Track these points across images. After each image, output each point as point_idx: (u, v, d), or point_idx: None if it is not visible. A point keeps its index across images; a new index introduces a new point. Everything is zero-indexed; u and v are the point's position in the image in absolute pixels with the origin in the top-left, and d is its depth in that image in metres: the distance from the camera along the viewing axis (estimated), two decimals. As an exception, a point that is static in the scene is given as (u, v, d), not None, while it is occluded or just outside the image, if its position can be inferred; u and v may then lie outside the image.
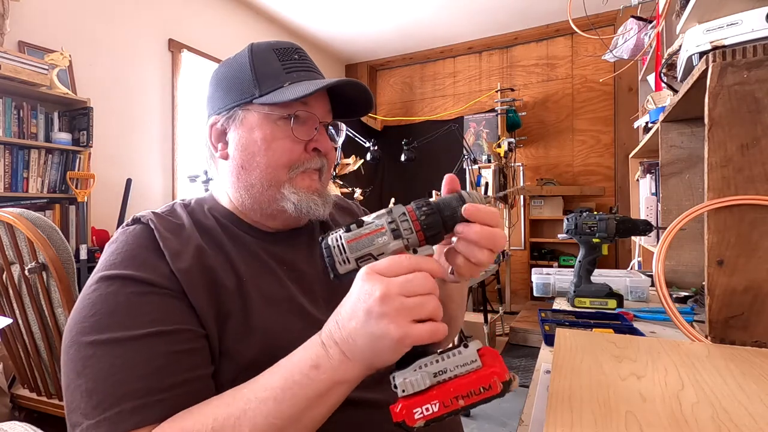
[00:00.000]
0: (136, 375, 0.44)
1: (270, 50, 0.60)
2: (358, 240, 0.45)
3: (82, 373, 0.45)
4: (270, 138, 0.58)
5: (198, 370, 0.48)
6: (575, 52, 4.16)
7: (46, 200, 2.26)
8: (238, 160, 0.60)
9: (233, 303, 0.53)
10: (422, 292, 0.41)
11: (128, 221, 0.57)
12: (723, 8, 0.83)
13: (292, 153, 0.59)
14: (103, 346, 0.45)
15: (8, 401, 1.43)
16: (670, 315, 0.76)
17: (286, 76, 0.59)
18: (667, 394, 0.47)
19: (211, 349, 0.50)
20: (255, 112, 0.59)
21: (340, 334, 0.43)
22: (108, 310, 0.47)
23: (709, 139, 0.68)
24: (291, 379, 0.42)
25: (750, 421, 0.41)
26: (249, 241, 0.61)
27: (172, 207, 0.62)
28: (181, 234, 0.56)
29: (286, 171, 0.59)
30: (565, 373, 0.53)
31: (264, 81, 0.58)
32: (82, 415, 0.44)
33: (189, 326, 0.49)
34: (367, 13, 3.82)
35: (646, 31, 1.96)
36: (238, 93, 0.59)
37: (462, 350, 0.42)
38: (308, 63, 0.62)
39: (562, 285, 1.24)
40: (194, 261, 0.52)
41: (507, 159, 3.62)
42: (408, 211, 0.46)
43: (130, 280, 0.48)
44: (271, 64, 0.59)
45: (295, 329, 0.55)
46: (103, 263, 0.52)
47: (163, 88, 3.03)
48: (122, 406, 0.43)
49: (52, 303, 1.24)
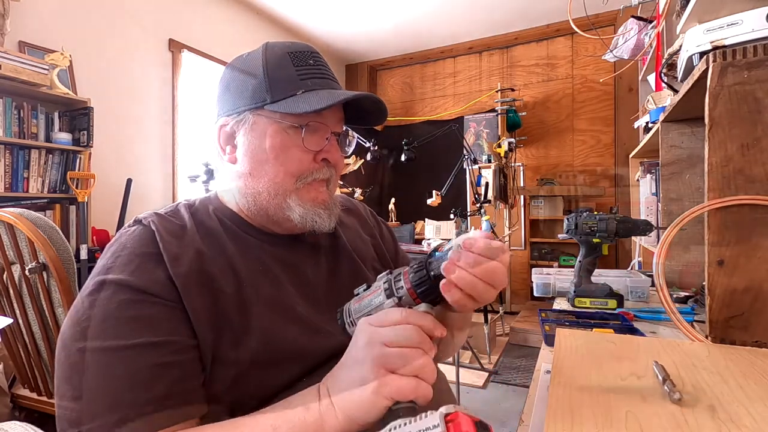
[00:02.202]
0: (121, 386, 0.44)
1: (285, 54, 0.58)
2: (360, 302, 0.49)
3: (69, 379, 0.45)
4: (280, 147, 0.57)
5: (184, 382, 0.47)
6: (575, 52, 4.15)
7: (46, 200, 2.26)
8: (246, 166, 0.59)
9: (231, 309, 0.52)
10: (407, 344, 0.41)
11: (130, 222, 0.57)
12: (723, 8, 0.83)
13: (301, 163, 0.57)
14: (91, 354, 0.45)
15: (8, 401, 1.43)
16: (670, 315, 0.76)
17: (300, 83, 0.57)
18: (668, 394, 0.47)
19: (203, 357, 0.49)
20: (265, 117, 0.57)
21: (331, 378, 0.44)
22: (100, 316, 0.46)
23: (710, 139, 0.68)
24: (285, 417, 0.44)
25: (750, 421, 0.41)
26: (253, 243, 0.60)
27: (176, 207, 0.61)
28: (182, 236, 0.55)
29: (294, 181, 0.58)
30: (565, 374, 0.53)
31: (277, 87, 0.56)
32: (66, 421, 0.44)
33: (179, 337, 0.48)
34: (367, 13, 3.82)
35: (647, 31, 1.95)
36: (250, 97, 0.57)
37: (426, 415, 0.36)
38: (323, 69, 0.60)
39: (563, 285, 1.24)
40: (193, 266, 0.51)
41: (507, 159, 3.62)
42: (404, 270, 0.48)
43: (124, 286, 0.48)
44: (285, 69, 0.57)
45: (292, 333, 0.54)
46: (101, 266, 0.51)
47: (164, 88, 3.03)
48: (105, 418, 0.42)
49: (53, 303, 1.24)
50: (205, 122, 3.32)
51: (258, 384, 0.51)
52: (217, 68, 3.37)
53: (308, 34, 4.22)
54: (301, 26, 4.08)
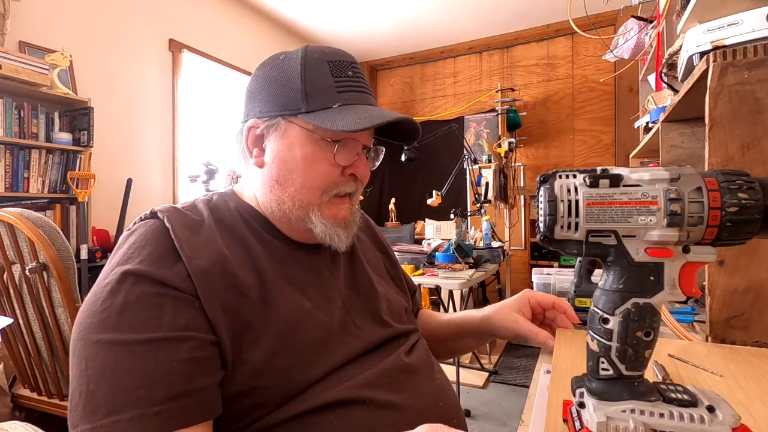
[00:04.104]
0: (137, 383, 0.43)
1: (324, 61, 0.56)
2: (603, 205, 0.31)
3: (84, 373, 0.44)
4: (311, 158, 0.56)
5: (201, 380, 0.46)
6: (576, 52, 4.15)
7: (46, 200, 2.26)
8: (273, 173, 0.58)
9: (253, 309, 0.51)
10: None
11: (146, 213, 0.55)
12: (723, 8, 0.83)
13: (329, 177, 0.57)
14: (108, 347, 0.44)
15: (9, 401, 1.43)
16: (665, 320, 0.76)
17: (338, 95, 0.55)
18: (668, 394, 0.47)
19: (222, 355, 0.48)
20: (298, 126, 0.56)
21: None
22: (118, 308, 0.45)
23: (710, 139, 0.68)
24: None
25: (750, 421, 0.41)
26: (275, 243, 0.59)
27: (194, 202, 0.60)
28: (199, 232, 0.53)
29: (320, 194, 0.57)
30: (565, 374, 0.53)
31: (313, 96, 0.55)
32: (79, 417, 0.43)
33: (197, 333, 0.47)
34: (367, 12, 3.82)
35: (647, 31, 1.95)
36: (284, 102, 0.56)
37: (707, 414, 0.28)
38: (361, 81, 0.58)
39: (563, 285, 1.24)
40: (213, 263, 0.50)
41: (507, 159, 3.62)
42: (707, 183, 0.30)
43: (144, 278, 0.47)
44: (323, 78, 0.55)
45: (313, 335, 0.54)
46: (120, 255, 0.50)
47: (164, 88, 3.03)
48: (120, 415, 0.42)
49: (53, 303, 1.24)
50: (206, 122, 3.32)
51: (277, 385, 0.50)
52: (218, 68, 3.38)
53: (308, 33, 4.22)
54: (302, 26, 4.07)
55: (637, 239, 0.31)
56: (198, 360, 0.46)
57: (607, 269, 0.35)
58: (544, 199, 0.32)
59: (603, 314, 0.34)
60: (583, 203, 0.31)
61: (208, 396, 0.46)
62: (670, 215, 0.29)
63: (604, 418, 0.30)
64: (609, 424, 0.30)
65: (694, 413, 0.30)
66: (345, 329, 0.58)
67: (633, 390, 0.32)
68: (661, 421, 0.30)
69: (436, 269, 2.39)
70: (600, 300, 0.35)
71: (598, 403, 0.32)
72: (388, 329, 0.63)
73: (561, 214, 0.32)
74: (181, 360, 0.45)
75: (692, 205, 0.29)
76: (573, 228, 0.32)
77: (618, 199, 0.30)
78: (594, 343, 0.35)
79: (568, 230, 0.32)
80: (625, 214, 0.30)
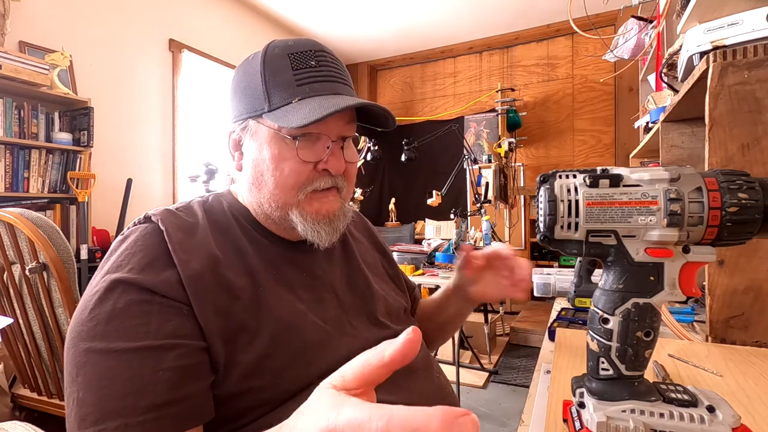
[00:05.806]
0: (123, 392, 0.43)
1: (285, 56, 0.55)
2: (603, 205, 0.31)
3: (75, 381, 0.44)
4: (278, 158, 0.55)
5: (187, 387, 0.45)
6: (576, 52, 4.15)
7: (46, 200, 2.26)
8: (249, 176, 0.58)
9: (245, 312, 0.51)
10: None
11: (140, 218, 0.54)
12: (724, 8, 0.83)
13: (300, 175, 0.55)
14: (96, 355, 0.44)
15: (9, 401, 1.43)
16: (665, 320, 0.76)
17: (297, 89, 0.54)
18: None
19: (213, 360, 0.48)
20: (265, 126, 0.55)
21: None
22: (106, 316, 0.46)
23: (710, 139, 0.68)
24: None
25: (750, 421, 0.41)
26: (267, 245, 0.59)
27: (189, 203, 0.60)
28: (193, 234, 0.53)
29: (295, 193, 0.56)
30: (565, 373, 0.53)
31: (274, 93, 0.54)
32: (71, 424, 0.44)
33: (185, 340, 0.46)
34: (367, 12, 3.82)
35: (647, 31, 1.95)
36: (251, 104, 0.56)
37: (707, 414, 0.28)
38: (325, 70, 0.56)
39: (563, 285, 1.24)
40: (206, 268, 0.50)
41: (507, 159, 3.62)
42: (707, 183, 0.30)
43: (133, 286, 0.47)
44: (282, 74, 0.54)
45: (307, 336, 0.54)
46: (111, 263, 0.50)
47: (164, 88, 3.03)
48: (105, 424, 0.42)
49: (53, 303, 1.24)
50: (205, 122, 3.32)
51: (271, 385, 0.50)
52: (217, 68, 3.38)
53: (308, 34, 4.22)
54: (302, 26, 4.08)
55: (637, 239, 0.31)
56: (185, 368, 0.46)
57: (607, 269, 0.35)
58: (544, 199, 0.32)
59: (603, 314, 0.34)
60: (583, 203, 0.31)
61: (196, 402, 0.46)
62: (670, 215, 0.30)
63: (604, 418, 0.31)
64: (609, 424, 0.30)
65: (694, 413, 0.30)
66: (341, 329, 0.58)
67: (633, 390, 0.32)
68: (661, 421, 0.30)
69: (436, 269, 2.39)
70: (600, 300, 0.35)
71: (598, 403, 0.32)
72: (386, 330, 0.63)
73: (561, 214, 0.32)
74: (168, 368, 0.45)
75: (692, 205, 0.30)
76: (573, 228, 0.32)
77: (618, 199, 0.31)
78: (594, 343, 0.35)
79: (568, 230, 0.32)
80: (625, 214, 0.30)
